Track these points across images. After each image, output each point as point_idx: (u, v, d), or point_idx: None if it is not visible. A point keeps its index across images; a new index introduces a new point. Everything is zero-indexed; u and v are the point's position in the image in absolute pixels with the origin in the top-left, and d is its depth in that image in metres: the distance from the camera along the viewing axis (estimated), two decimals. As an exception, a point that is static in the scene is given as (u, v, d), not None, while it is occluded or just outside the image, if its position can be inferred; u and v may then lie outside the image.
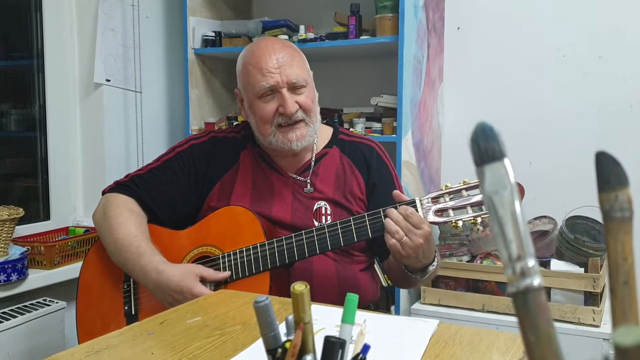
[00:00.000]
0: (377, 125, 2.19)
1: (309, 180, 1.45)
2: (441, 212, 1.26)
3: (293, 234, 1.33)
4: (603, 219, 0.42)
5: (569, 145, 2.22)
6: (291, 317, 0.61)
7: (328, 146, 1.50)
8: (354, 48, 2.20)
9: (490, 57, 2.35)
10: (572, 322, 1.87)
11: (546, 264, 1.95)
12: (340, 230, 1.30)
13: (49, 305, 1.93)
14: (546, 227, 2.13)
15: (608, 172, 0.42)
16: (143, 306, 1.42)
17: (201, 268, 1.33)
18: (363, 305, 1.37)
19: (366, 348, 0.69)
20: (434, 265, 1.33)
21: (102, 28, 2.27)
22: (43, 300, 1.97)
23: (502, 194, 0.39)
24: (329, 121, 2.06)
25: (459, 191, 1.26)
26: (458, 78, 2.41)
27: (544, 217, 2.16)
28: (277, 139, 1.38)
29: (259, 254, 1.33)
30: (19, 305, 1.90)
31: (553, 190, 2.23)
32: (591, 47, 2.19)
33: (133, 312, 1.42)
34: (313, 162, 1.47)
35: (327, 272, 1.38)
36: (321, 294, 1.30)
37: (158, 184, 1.47)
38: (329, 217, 1.42)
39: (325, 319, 0.95)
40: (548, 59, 2.26)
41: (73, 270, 1.97)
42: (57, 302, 1.96)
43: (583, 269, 1.91)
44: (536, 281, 0.38)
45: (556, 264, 1.95)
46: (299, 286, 0.58)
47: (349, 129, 1.98)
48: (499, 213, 0.39)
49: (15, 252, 1.89)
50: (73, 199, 2.35)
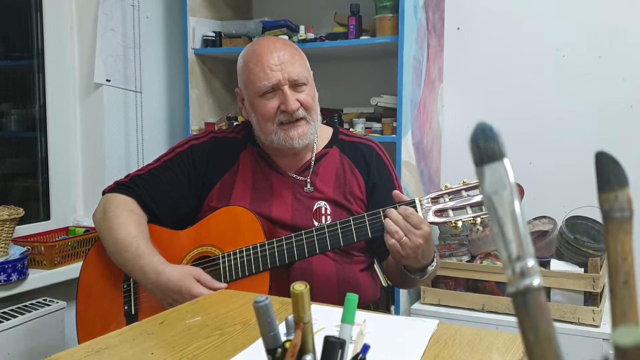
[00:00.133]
0: (377, 125, 2.19)
1: (309, 179, 1.45)
2: (441, 213, 1.26)
3: (293, 234, 1.33)
4: (603, 219, 0.42)
5: (569, 145, 2.22)
6: (291, 317, 0.61)
7: (328, 146, 1.50)
8: (354, 48, 2.20)
9: (490, 57, 2.35)
10: (572, 322, 1.87)
11: (546, 264, 1.95)
12: (340, 230, 1.30)
13: (49, 305, 1.93)
14: (546, 227, 2.13)
15: (608, 172, 0.42)
16: (143, 306, 1.42)
17: (200, 271, 1.33)
18: (363, 305, 1.38)
19: (366, 348, 0.69)
20: (433, 265, 1.33)
21: (102, 28, 2.27)
22: (43, 300, 1.97)
23: (502, 194, 0.39)
24: (329, 121, 2.06)
25: (459, 191, 1.26)
26: (458, 78, 2.41)
27: (544, 217, 2.16)
28: (279, 137, 1.38)
29: (259, 254, 1.33)
30: (19, 305, 1.90)
31: (553, 190, 2.23)
32: (591, 47, 2.19)
33: (133, 312, 1.42)
34: (313, 162, 1.47)
35: (327, 272, 1.38)
36: (321, 294, 1.30)
37: (158, 184, 1.47)
38: (329, 217, 1.42)
39: (325, 319, 0.95)
40: (548, 59, 2.26)
41: (73, 270, 1.97)
42: (57, 302, 1.96)
43: (583, 269, 1.90)
44: (536, 281, 0.38)
45: (556, 264, 1.95)
46: (299, 286, 0.58)
47: (349, 129, 1.98)
48: (499, 213, 0.39)
49: (15, 252, 1.89)
50: (73, 199, 2.35)
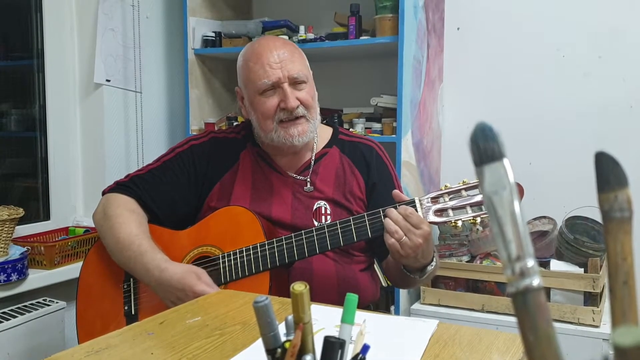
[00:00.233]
0: (377, 125, 2.19)
1: (309, 179, 1.45)
2: (441, 212, 1.26)
3: (293, 234, 1.33)
4: (602, 219, 0.42)
5: (569, 145, 2.22)
6: (291, 317, 0.61)
7: (328, 146, 1.50)
8: (354, 48, 2.20)
9: (490, 58, 2.35)
10: (572, 323, 1.87)
11: (546, 264, 1.95)
12: (340, 230, 1.30)
13: (49, 305, 1.93)
14: (546, 228, 2.13)
15: (607, 173, 0.42)
16: (143, 306, 1.42)
17: (202, 271, 1.32)
18: (363, 305, 1.38)
19: (366, 348, 0.69)
20: (433, 265, 1.33)
21: (102, 28, 2.27)
22: (43, 300, 1.97)
23: (502, 194, 0.39)
24: (329, 121, 2.06)
25: (459, 191, 1.26)
26: (458, 78, 2.41)
27: (544, 218, 2.16)
28: (279, 135, 1.38)
29: (259, 254, 1.33)
30: (19, 305, 1.90)
31: (553, 190, 2.23)
32: (591, 47, 2.19)
33: (133, 312, 1.42)
34: (313, 162, 1.47)
35: (327, 272, 1.38)
36: (321, 294, 1.30)
37: (158, 185, 1.47)
38: (329, 217, 1.42)
39: (324, 319, 0.95)
40: (548, 59, 2.26)
41: (73, 270, 1.97)
42: (57, 302, 1.96)
43: (583, 269, 1.90)
44: (535, 281, 0.38)
45: (556, 264, 1.94)
46: (299, 286, 0.58)
47: (349, 129, 1.98)
48: (499, 213, 0.39)
49: (15, 252, 1.89)
50: (73, 199, 2.35)
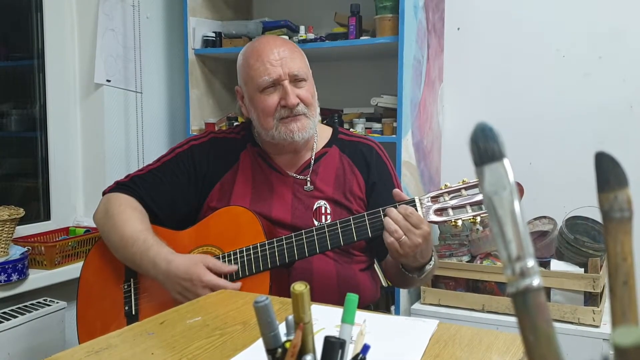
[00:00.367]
0: (377, 125, 2.19)
1: (309, 178, 1.45)
2: (441, 212, 1.26)
3: (293, 234, 1.33)
4: (602, 220, 0.42)
5: (569, 145, 2.22)
6: (291, 317, 0.61)
7: (328, 145, 1.50)
8: (354, 48, 2.20)
9: (490, 58, 2.35)
10: (572, 323, 1.87)
11: (546, 264, 1.95)
12: (340, 229, 1.30)
13: (50, 305, 1.93)
14: (546, 228, 2.13)
15: (607, 173, 0.42)
16: (143, 306, 1.42)
17: (209, 258, 1.34)
18: (363, 305, 1.37)
19: (366, 348, 0.69)
20: (431, 264, 1.33)
21: (103, 28, 2.27)
22: (43, 300, 1.97)
23: (502, 194, 0.39)
24: (329, 121, 2.07)
25: (459, 190, 1.26)
26: (458, 78, 2.41)
27: (544, 218, 2.15)
28: (279, 132, 1.39)
29: (259, 254, 1.33)
30: (20, 305, 1.90)
31: (553, 190, 2.23)
32: (591, 48, 2.19)
33: (133, 312, 1.42)
34: (313, 161, 1.47)
35: (327, 272, 1.38)
36: (321, 294, 1.30)
37: (158, 185, 1.47)
38: (329, 217, 1.42)
39: (325, 319, 0.95)
40: (548, 59, 2.26)
41: (73, 270, 1.97)
42: (58, 302, 1.96)
43: (583, 270, 1.90)
44: (535, 281, 0.38)
45: (556, 264, 1.94)
46: (299, 286, 0.58)
47: (349, 129, 1.98)
48: (499, 213, 0.39)
49: (15, 252, 1.89)
50: (73, 199, 2.35)
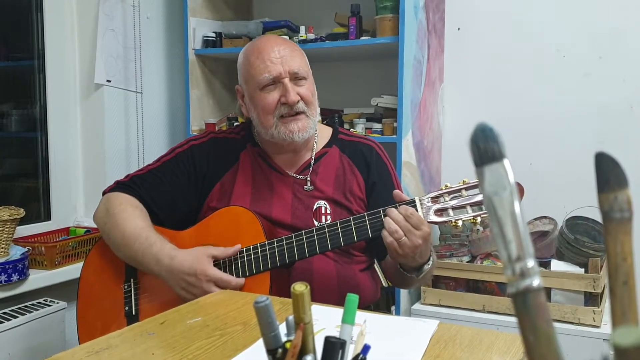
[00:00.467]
0: (378, 125, 2.19)
1: (309, 178, 1.45)
2: (441, 212, 1.26)
3: (293, 234, 1.33)
4: (602, 220, 0.42)
5: (569, 145, 2.22)
6: (291, 318, 0.61)
7: (328, 145, 1.50)
8: (355, 49, 2.20)
9: (490, 58, 2.35)
10: (573, 323, 1.87)
11: (546, 265, 1.95)
12: (340, 230, 1.30)
13: (50, 305, 1.93)
14: (546, 228, 2.13)
15: (607, 173, 0.42)
16: (143, 307, 1.42)
17: (212, 249, 1.34)
18: (363, 305, 1.37)
19: (366, 348, 0.69)
20: (429, 264, 1.33)
21: (103, 29, 2.27)
22: (44, 300, 1.97)
23: (502, 195, 0.39)
24: (329, 122, 2.06)
25: (459, 191, 1.26)
26: (458, 78, 2.41)
27: (544, 218, 2.15)
28: (279, 131, 1.39)
29: (259, 254, 1.33)
30: (20, 305, 1.90)
31: (553, 190, 2.23)
32: (591, 48, 2.19)
33: (133, 313, 1.42)
34: (313, 161, 1.47)
35: (327, 273, 1.38)
36: (321, 294, 1.30)
37: (158, 185, 1.47)
38: (329, 217, 1.42)
39: (325, 319, 0.95)
40: (548, 59, 2.26)
41: (74, 270, 1.97)
42: (58, 303, 1.96)
43: (583, 270, 1.90)
44: (535, 282, 0.38)
45: (556, 265, 1.94)
46: (299, 286, 0.58)
47: (349, 130, 1.98)
48: (499, 214, 0.40)
49: (16, 253, 1.89)
50: (74, 200, 2.35)
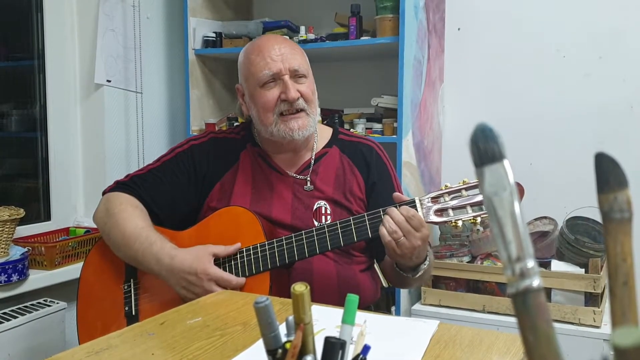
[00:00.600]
0: (378, 126, 2.19)
1: (309, 178, 1.45)
2: (441, 212, 1.26)
3: (293, 234, 1.33)
4: (602, 220, 0.42)
5: (569, 145, 2.22)
6: (291, 318, 0.61)
7: (328, 146, 1.50)
8: (355, 49, 2.20)
9: (490, 58, 2.35)
10: (573, 323, 1.87)
11: (547, 265, 1.95)
12: (340, 230, 1.30)
13: (50, 305, 1.93)
14: (546, 228, 2.13)
15: (607, 174, 0.42)
16: (143, 307, 1.42)
17: (212, 247, 1.34)
18: (363, 305, 1.37)
19: (366, 349, 0.69)
20: (426, 264, 1.33)
21: (103, 29, 2.27)
22: (44, 300, 1.97)
23: (502, 195, 0.39)
24: (329, 122, 2.06)
25: (459, 191, 1.26)
26: (458, 79, 2.41)
27: (544, 218, 2.15)
28: (279, 129, 1.39)
29: (259, 254, 1.33)
30: (20, 305, 1.90)
31: (553, 190, 2.23)
32: (591, 48, 2.19)
33: (133, 313, 1.42)
34: (313, 161, 1.47)
35: (327, 273, 1.38)
36: (321, 295, 1.30)
37: (158, 185, 1.47)
38: (329, 217, 1.42)
39: (325, 320, 0.95)
40: (548, 60, 2.26)
41: (74, 270, 1.97)
42: (58, 303, 1.96)
43: (583, 270, 1.90)
44: (535, 282, 0.38)
45: (556, 265, 1.94)
46: (299, 287, 0.58)
47: (349, 130, 1.98)
48: (499, 214, 0.39)
49: (15, 253, 1.89)
50: (74, 200, 2.35)
